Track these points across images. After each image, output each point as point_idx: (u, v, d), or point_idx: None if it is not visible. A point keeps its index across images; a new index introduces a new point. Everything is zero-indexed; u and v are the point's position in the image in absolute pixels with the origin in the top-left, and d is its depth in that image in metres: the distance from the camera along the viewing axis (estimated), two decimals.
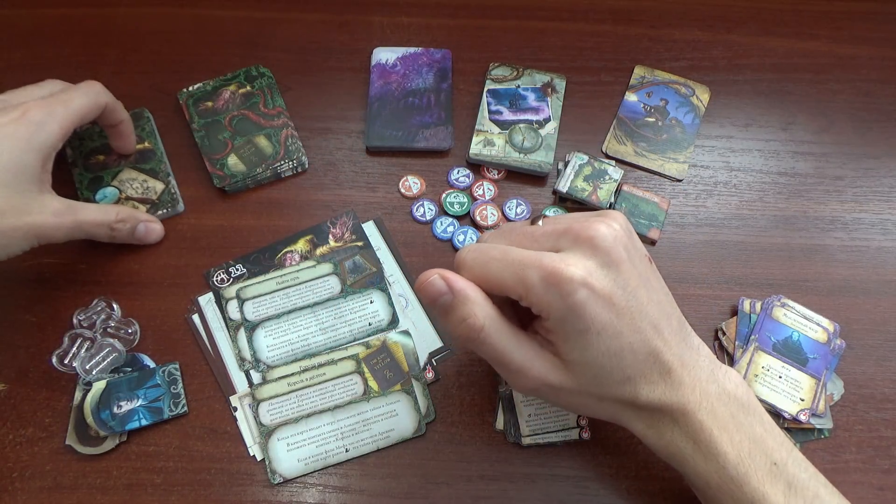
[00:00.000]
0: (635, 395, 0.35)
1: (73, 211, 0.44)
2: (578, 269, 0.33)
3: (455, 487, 0.43)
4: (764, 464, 0.34)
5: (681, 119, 0.55)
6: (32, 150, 0.42)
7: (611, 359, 0.34)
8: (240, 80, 0.54)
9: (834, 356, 0.46)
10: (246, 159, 0.50)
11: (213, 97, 0.54)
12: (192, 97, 0.54)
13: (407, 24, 0.59)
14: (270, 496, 0.42)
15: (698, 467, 0.35)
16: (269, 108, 0.50)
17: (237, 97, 0.51)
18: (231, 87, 0.53)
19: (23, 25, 0.58)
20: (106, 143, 0.52)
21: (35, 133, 0.42)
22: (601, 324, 0.33)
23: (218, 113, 0.53)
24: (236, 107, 0.52)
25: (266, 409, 0.44)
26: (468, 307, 0.35)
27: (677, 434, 0.36)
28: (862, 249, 0.51)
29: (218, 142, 0.51)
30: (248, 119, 0.53)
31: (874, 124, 0.56)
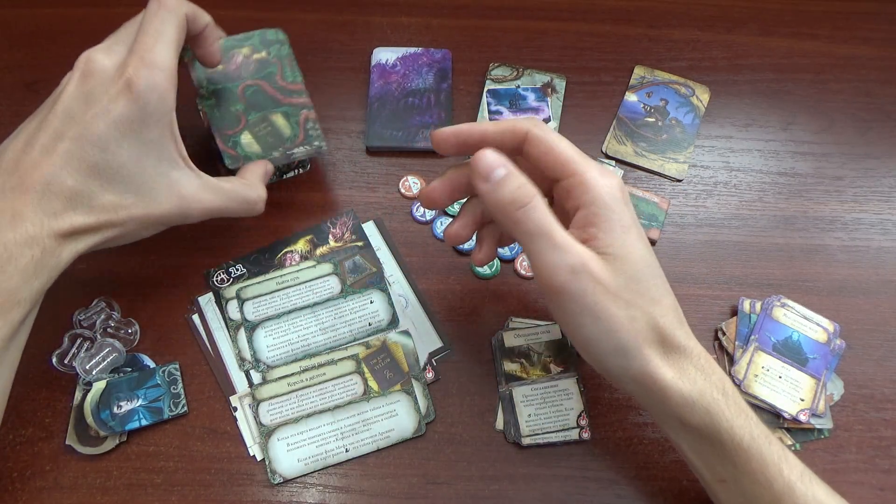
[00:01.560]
0: (663, 323, 0.35)
1: (205, 189, 0.41)
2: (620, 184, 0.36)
3: (455, 487, 0.43)
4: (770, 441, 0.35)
5: (681, 119, 0.55)
6: (152, 125, 0.37)
7: (647, 268, 0.35)
8: (254, 43, 0.48)
9: (834, 356, 0.46)
10: (262, 139, 0.45)
11: (223, 59, 0.46)
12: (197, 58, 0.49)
13: (407, 24, 0.59)
14: (270, 496, 0.42)
15: (731, 415, 0.35)
16: (286, 81, 0.43)
17: (251, 63, 0.43)
18: (244, 51, 0.47)
19: (23, 25, 0.58)
20: None
21: (148, 104, 0.37)
22: (640, 233, 0.36)
23: (230, 79, 0.47)
24: (250, 75, 0.45)
25: (266, 409, 0.44)
26: (520, 178, 0.35)
27: (706, 382, 0.35)
28: (862, 249, 0.51)
29: (230, 114, 0.45)
30: (263, 91, 0.46)
31: (874, 124, 0.56)
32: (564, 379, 0.45)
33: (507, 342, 0.46)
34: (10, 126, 0.54)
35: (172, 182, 0.39)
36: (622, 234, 0.35)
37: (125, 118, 0.36)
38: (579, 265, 0.34)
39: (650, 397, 0.36)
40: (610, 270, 0.34)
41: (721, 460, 0.35)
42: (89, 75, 0.37)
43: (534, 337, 0.46)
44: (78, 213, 0.36)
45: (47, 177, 0.35)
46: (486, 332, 0.47)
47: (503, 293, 0.49)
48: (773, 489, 0.34)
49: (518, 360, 0.46)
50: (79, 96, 0.37)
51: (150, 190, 0.38)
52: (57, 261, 0.36)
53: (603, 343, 0.35)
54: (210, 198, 0.41)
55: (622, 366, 0.35)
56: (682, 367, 0.35)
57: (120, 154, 0.37)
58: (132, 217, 0.38)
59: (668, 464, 0.44)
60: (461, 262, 0.50)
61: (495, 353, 0.46)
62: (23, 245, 0.35)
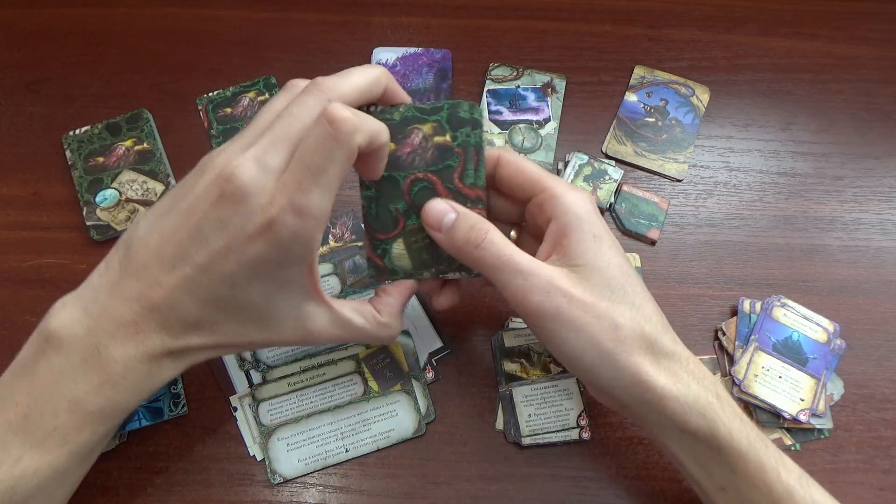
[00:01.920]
0: (648, 329, 0.35)
1: (333, 324, 0.37)
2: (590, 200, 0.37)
3: (455, 487, 0.43)
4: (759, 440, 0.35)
5: (681, 119, 0.55)
6: (290, 267, 0.33)
7: (622, 276, 0.35)
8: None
9: (834, 356, 0.46)
10: (415, 253, 0.39)
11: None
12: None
13: (407, 24, 0.59)
14: (270, 496, 0.42)
15: (727, 418, 0.35)
16: (464, 183, 0.37)
17: (429, 149, 0.37)
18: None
19: (23, 25, 0.58)
20: (105, 145, 0.52)
21: (290, 250, 0.32)
22: (612, 241, 0.36)
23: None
24: (424, 165, 0.39)
25: (266, 409, 0.44)
26: (472, 217, 0.36)
27: (699, 386, 0.35)
28: (862, 249, 0.51)
29: (388, 214, 0.38)
30: (433, 191, 0.40)
31: (874, 124, 0.56)
32: (564, 379, 0.45)
33: (507, 342, 0.46)
34: (10, 126, 0.54)
35: (301, 315, 0.36)
36: (594, 243, 0.35)
37: (261, 261, 0.32)
38: (548, 285, 0.34)
39: (645, 406, 0.35)
40: (583, 282, 0.35)
41: (720, 466, 0.35)
42: (229, 199, 0.31)
43: (534, 337, 0.46)
44: (199, 336, 0.34)
45: (170, 301, 0.32)
46: (486, 332, 0.47)
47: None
48: (772, 494, 0.34)
49: (518, 360, 0.46)
50: (214, 219, 0.31)
51: (277, 322, 0.35)
52: (165, 376, 0.35)
53: (588, 355, 0.34)
54: (339, 333, 0.37)
55: (612, 377, 0.35)
56: (674, 371, 0.35)
57: (249, 293, 0.33)
58: (253, 342, 0.36)
59: (668, 464, 0.44)
60: None
61: (495, 353, 0.46)
62: (141, 362, 0.33)
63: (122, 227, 0.49)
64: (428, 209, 0.37)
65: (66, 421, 0.32)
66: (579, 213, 0.36)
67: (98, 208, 0.50)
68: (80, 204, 0.50)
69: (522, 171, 0.38)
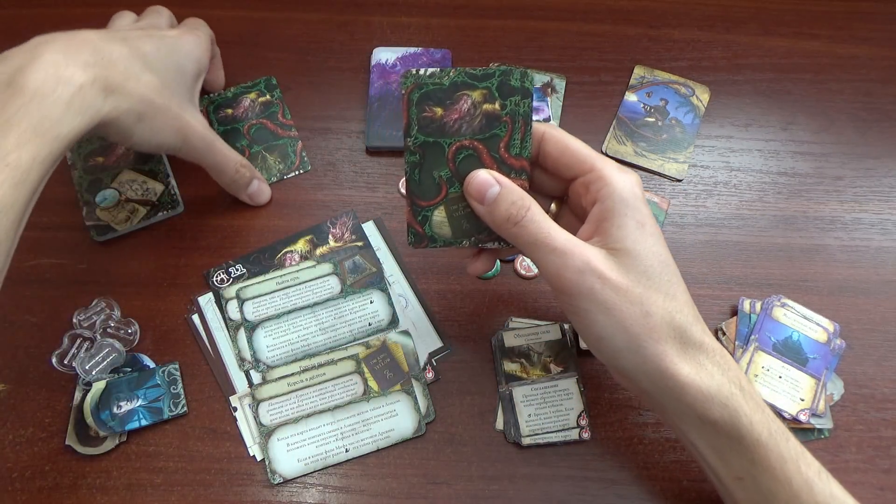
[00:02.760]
0: (679, 319, 0.35)
1: (213, 133, 0.46)
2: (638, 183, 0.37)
3: (455, 487, 0.43)
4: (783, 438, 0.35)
5: (681, 119, 0.55)
6: (192, 60, 0.46)
7: (660, 265, 0.35)
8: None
9: (834, 356, 0.46)
10: (455, 222, 0.39)
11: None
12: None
13: (407, 24, 0.59)
14: (270, 496, 0.42)
15: (751, 409, 0.35)
16: (511, 153, 0.37)
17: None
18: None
19: (23, 25, 0.58)
20: (104, 146, 0.52)
21: (193, 49, 0.46)
22: (655, 230, 0.36)
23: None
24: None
25: (266, 409, 0.44)
26: (516, 192, 0.36)
27: (723, 378, 0.35)
28: (862, 249, 0.51)
29: (432, 181, 0.38)
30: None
31: (874, 124, 0.56)
32: (564, 379, 0.45)
33: (507, 342, 0.46)
34: None
35: (191, 106, 0.46)
36: (636, 229, 0.35)
37: (172, 45, 0.45)
38: (583, 265, 0.34)
39: (667, 394, 0.35)
40: (619, 266, 0.35)
41: (739, 456, 0.35)
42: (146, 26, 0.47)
43: (534, 337, 0.46)
44: (112, 71, 0.40)
45: (97, 42, 0.41)
46: (486, 332, 0.47)
47: (503, 293, 0.49)
48: (791, 486, 0.34)
49: (518, 360, 0.46)
50: (136, 29, 0.46)
51: (172, 89, 0.44)
52: (96, 107, 0.39)
53: (616, 339, 0.35)
54: (211, 136, 0.46)
55: (637, 362, 0.35)
56: (700, 361, 0.35)
57: (158, 64, 0.44)
58: (147, 94, 0.41)
59: (668, 464, 0.44)
60: (461, 263, 0.50)
61: (495, 353, 0.46)
62: (64, 83, 0.37)
63: (121, 227, 0.49)
64: (472, 180, 0.36)
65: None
66: (626, 197, 0.35)
67: (98, 208, 0.50)
68: (80, 204, 0.50)
69: (569, 148, 0.37)
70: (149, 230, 0.50)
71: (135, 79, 0.41)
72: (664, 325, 0.35)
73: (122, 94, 0.40)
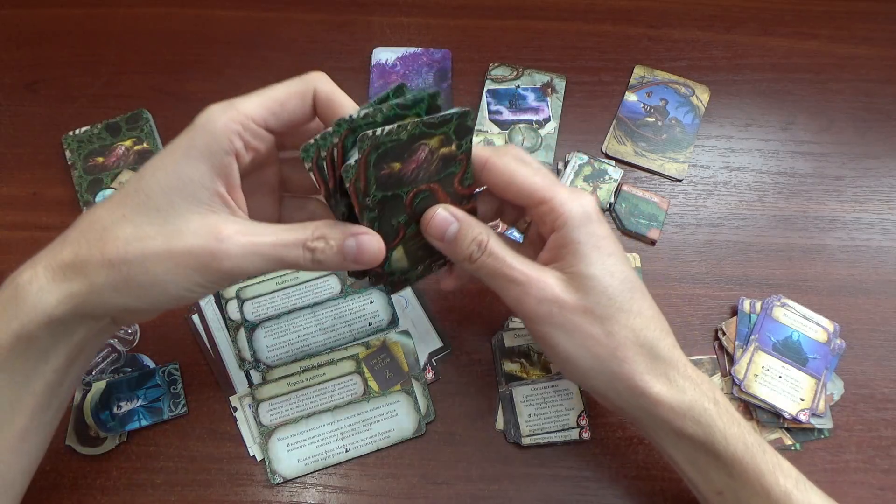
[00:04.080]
0: (646, 335, 0.35)
1: (250, 231, 0.32)
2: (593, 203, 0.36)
3: (455, 487, 0.43)
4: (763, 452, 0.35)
5: (681, 119, 0.55)
6: (193, 158, 0.31)
7: (621, 283, 0.35)
8: (448, 131, 0.34)
9: (834, 356, 0.46)
10: (412, 253, 0.39)
11: (404, 153, 0.34)
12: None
13: (407, 24, 0.59)
14: (270, 496, 0.42)
15: (724, 424, 0.35)
16: (463, 185, 0.36)
17: (434, 161, 0.34)
18: (432, 143, 0.34)
19: (23, 25, 0.58)
20: (105, 145, 0.52)
21: (196, 137, 0.32)
22: (613, 249, 0.35)
23: (403, 182, 0.35)
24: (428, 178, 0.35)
25: (266, 409, 0.44)
26: (474, 228, 0.36)
27: (696, 392, 0.35)
28: (862, 249, 0.51)
29: (390, 228, 0.36)
30: (433, 198, 0.36)
31: (874, 124, 0.56)
32: (564, 379, 0.45)
33: (507, 342, 0.46)
34: (10, 126, 0.54)
35: (208, 221, 0.32)
36: (592, 252, 0.35)
37: (172, 147, 0.32)
38: (541, 293, 0.35)
39: (640, 411, 0.35)
40: (578, 290, 0.35)
41: (717, 471, 0.35)
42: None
43: None
44: (78, 246, 0.32)
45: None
46: (486, 332, 0.47)
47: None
48: (769, 498, 0.34)
49: (518, 360, 0.46)
50: None
51: (176, 218, 0.31)
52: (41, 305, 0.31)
53: (582, 360, 0.35)
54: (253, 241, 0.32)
55: (606, 381, 0.35)
56: (671, 377, 0.35)
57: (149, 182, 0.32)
58: (145, 253, 0.31)
59: (667, 464, 0.44)
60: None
61: (495, 353, 0.46)
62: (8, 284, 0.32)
63: None
64: (430, 221, 0.36)
65: None
66: (578, 223, 0.35)
67: None
68: (80, 204, 0.50)
69: (514, 182, 0.36)
70: None
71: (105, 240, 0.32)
72: (629, 343, 0.35)
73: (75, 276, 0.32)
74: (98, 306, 0.32)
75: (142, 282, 0.31)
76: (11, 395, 0.33)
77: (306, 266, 0.33)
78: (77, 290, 0.31)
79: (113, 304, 0.32)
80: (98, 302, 0.32)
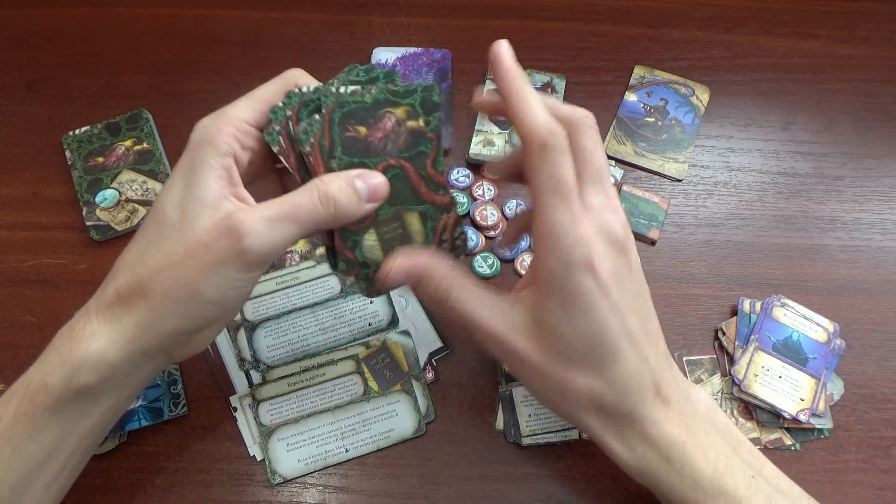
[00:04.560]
0: (602, 395, 0.33)
1: (263, 207, 0.32)
2: (587, 234, 0.32)
3: (455, 487, 0.43)
4: (742, 478, 0.34)
5: (681, 119, 0.55)
6: (195, 168, 0.32)
7: (587, 346, 0.32)
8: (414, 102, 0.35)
9: (834, 356, 0.46)
10: (386, 244, 0.37)
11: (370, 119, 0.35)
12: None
13: (407, 24, 0.59)
14: (270, 496, 0.42)
15: (672, 484, 0.34)
16: (436, 169, 0.35)
17: (402, 134, 0.33)
18: (398, 112, 0.35)
19: (23, 25, 0.58)
20: (105, 145, 0.52)
21: (194, 150, 0.32)
22: (589, 303, 0.32)
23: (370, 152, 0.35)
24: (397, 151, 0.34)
25: (266, 409, 0.44)
26: (436, 276, 0.35)
27: (650, 452, 0.34)
28: (862, 249, 0.51)
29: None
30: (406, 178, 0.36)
31: (874, 124, 0.56)
32: None
33: None
34: (10, 126, 0.54)
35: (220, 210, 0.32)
36: (560, 311, 0.32)
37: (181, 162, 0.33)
38: (502, 343, 0.34)
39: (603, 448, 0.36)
40: (539, 346, 0.33)
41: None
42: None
43: None
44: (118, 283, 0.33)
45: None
46: None
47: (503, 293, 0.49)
48: None
49: None
50: None
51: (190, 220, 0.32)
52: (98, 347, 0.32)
53: (543, 399, 0.36)
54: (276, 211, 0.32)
55: (571, 421, 0.37)
56: (625, 436, 0.34)
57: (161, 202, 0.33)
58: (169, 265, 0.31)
59: None
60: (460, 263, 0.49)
61: None
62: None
63: (121, 227, 0.49)
64: (395, 269, 0.35)
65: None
66: (567, 269, 0.32)
67: (98, 208, 0.50)
68: (79, 204, 0.50)
69: (531, 177, 0.33)
70: None
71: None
72: (584, 400, 0.34)
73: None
74: (149, 340, 0.32)
75: (176, 295, 0.31)
76: (57, 438, 0.33)
77: (328, 216, 0.32)
78: (124, 328, 0.32)
79: (162, 333, 0.32)
80: (148, 335, 0.32)
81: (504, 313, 0.35)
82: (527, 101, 0.33)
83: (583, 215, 0.32)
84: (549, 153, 0.32)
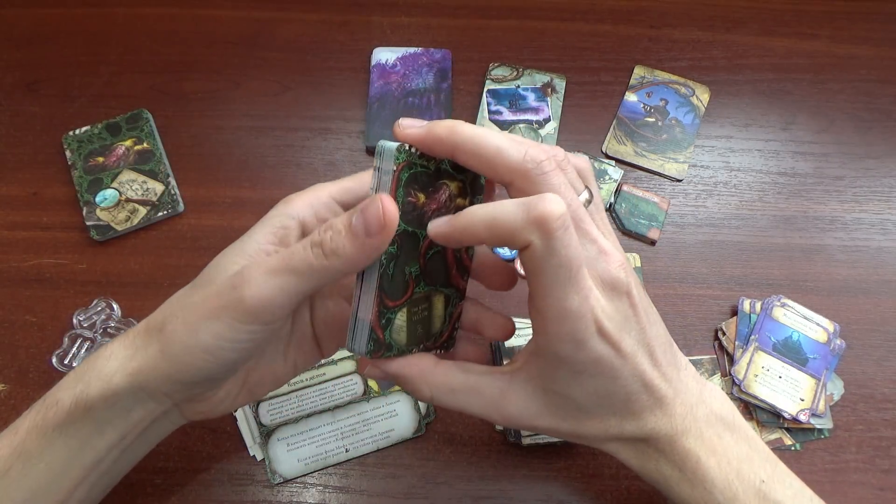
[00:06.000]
0: (621, 431, 0.34)
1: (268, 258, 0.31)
2: (593, 304, 0.30)
3: (455, 487, 0.43)
4: (752, 485, 0.34)
5: (681, 119, 0.55)
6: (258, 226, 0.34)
7: (600, 398, 0.32)
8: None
9: (834, 356, 0.46)
10: (412, 328, 0.34)
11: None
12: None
13: (407, 24, 0.59)
14: (270, 496, 0.42)
15: (684, 494, 0.34)
16: (469, 252, 0.35)
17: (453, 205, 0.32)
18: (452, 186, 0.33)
19: (23, 25, 0.58)
20: (105, 145, 0.52)
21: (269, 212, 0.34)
22: (600, 367, 0.31)
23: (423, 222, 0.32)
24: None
25: (266, 409, 0.44)
26: (412, 386, 0.34)
27: (662, 462, 0.34)
28: (862, 249, 0.51)
29: (401, 277, 0.32)
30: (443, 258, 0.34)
31: (874, 124, 0.56)
32: None
33: (507, 342, 0.46)
34: (10, 126, 0.54)
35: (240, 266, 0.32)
36: (569, 377, 0.32)
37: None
38: (503, 422, 0.34)
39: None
40: (548, 411, 0.33)
41: None
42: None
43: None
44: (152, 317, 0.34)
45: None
46: None
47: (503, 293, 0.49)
48: None
49: None
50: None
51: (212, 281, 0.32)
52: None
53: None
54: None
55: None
56: (637, 450, 0.35)
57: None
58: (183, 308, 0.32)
59: None
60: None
61: (495, 353, 0.46)
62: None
63: (121, 226, 0.49)
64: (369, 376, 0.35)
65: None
66: (582, 341, 0.30)
67: (98, 208, 0.50)
68: (80, 204, 0.50)
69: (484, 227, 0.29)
70: (149, 230, 0.50)
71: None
72: (600, 437, 0.34)
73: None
74: (148, 377, 0.32)
75: (180, 337, 0.31)
76: (64, 461, 0.33)
77: (322, 265, 0.29)
78: (135, 358, 0.32)
79: (161, 374, 0.32)
80: (147, 371, 0.32)
81: (502, 393, 0.34)
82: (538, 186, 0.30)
83: (589, 292, 0.29)
84: (560, 237, 0.28)
